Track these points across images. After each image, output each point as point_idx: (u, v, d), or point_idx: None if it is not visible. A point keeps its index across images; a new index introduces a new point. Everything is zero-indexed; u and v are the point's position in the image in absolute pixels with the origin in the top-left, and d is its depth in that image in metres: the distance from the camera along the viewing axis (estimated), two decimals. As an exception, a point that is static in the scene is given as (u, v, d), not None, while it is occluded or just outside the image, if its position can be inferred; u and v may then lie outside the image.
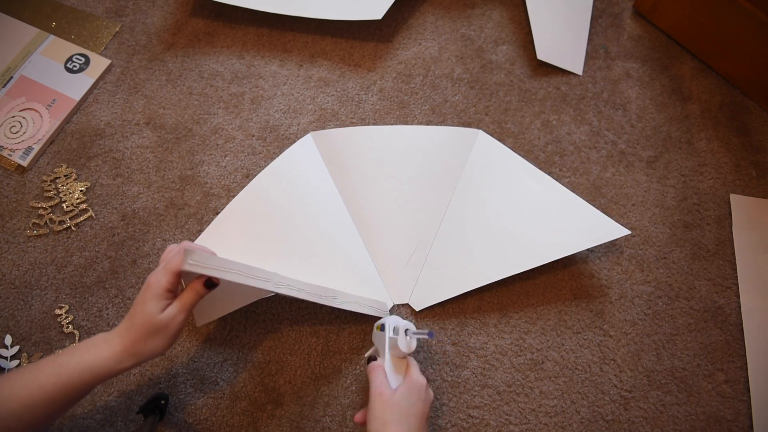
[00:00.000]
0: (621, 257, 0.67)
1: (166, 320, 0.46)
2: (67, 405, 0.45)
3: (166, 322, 0.46)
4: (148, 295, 0.46)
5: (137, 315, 0.46)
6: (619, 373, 0.61)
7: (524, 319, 0.64)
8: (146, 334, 0.45)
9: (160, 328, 0.45)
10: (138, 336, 0.45)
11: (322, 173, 0.68)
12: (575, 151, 0.73)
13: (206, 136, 0.73)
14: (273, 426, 0.58)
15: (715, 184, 0.71)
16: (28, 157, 0.69)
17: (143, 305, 0.46)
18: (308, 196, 0.67)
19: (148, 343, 0.46)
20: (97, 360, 0.44)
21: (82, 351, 0.45)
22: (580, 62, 0.78)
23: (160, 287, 0.46)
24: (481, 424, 0.59)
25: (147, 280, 0.47)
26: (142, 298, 0.46)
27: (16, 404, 0.42)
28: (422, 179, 0.68)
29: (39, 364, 0.44)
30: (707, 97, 0.77)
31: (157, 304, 0.46)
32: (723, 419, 0.59)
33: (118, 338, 0.46)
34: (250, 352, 0.61)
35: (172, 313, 0.46)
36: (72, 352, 0.45)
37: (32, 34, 0.77)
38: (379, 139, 0.70)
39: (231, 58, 0.78)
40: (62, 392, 0.43)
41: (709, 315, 0.64)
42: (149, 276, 0.47)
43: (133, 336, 0.45)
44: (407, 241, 0.65)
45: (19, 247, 0.66)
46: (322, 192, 0.67)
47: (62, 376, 0.43)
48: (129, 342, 0.45)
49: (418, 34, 0.81)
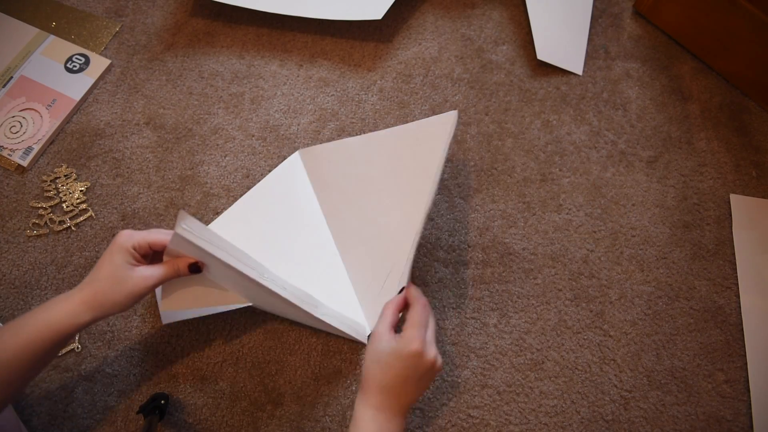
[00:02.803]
0: (621, 257, 0.67)
1: (132, 276, 0.45)
2: (35, 365, 0.44)
3: (132, 278, 0.45)
4: (115, 248, 0.45)
5: (102, 266, 0.45)
6: (619, 373, 0.61)
7: (524, 319, 0.64)
8: (108, 286, 0.45)
9: (125, 280, 0.45)
10: (99, 287, 0.45)
11: (307, 193, 0.67)
12: (575, 151, 0.73)
13: (206, 136, 0.73)
14: (273, 426, 0.58)
15: (715, 184, 0.71)
16: (28, 157, 0.70)
17: (110, 256, 0.45)
18: (293, 219, 0.66)
19: (109, 295, 0.45)
20: (55, 315, 0.44)
21: (41, 309, 0.44)
22: (580, 62, 0.78)
23: (128, 242, 0.45)
24: (481, 424, 0.59)
25: (115, 237, 0.46)
26: (108, 250, 0.46)
27: None
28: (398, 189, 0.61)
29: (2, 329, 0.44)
30: (707, 97, 0.77)
31: (124, 257, 0.45)
32: (723, 419, 0.59)
33: (78, 292, 0.45)
34: (250, 352, 0.61)
35: (142, 274, 0.46)
36: (32, 312, 0.45)
37: (32, 34, 0.77)
38: (361, 151, 0.65)
39: (231, 58, 0.78)
40: (25, 352, 0.43)
41: (709, 315, 0.64)
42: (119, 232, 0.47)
43: (94, 287, 0.45)
44: (382, 264, 0.60)
45: (19, 247, 0.66)
46: (307, 213, 0.66)
47: (22, 336, 0.43)
48: (89, 294, 0.45)
49: (418, 34, 0.81)
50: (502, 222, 0.68)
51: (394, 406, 0.45)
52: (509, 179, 0.71)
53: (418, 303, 0.47)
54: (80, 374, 0.60)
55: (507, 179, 0.71)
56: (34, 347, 0.43)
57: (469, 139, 0.73)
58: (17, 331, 0.43)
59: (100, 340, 0.62)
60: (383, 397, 0.45)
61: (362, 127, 0.73)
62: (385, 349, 0.45)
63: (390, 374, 0.45)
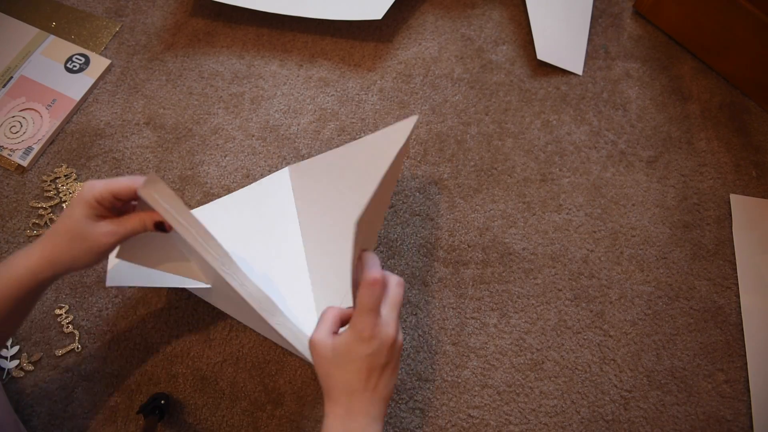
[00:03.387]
0: (621, 257, 0.67)
1: (93, 232, 0.42)
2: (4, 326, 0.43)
3: (92, 233, 0.42)
4: (75, 200, 0.42)
5: (62, 220, 0.43)
6: (619, 373, 0.61)
7: (524, 319, 0.64)
8: (68, 240, 0.42)
9: (84, 236, 0.42)
10: (59, 242, 0.42)
11: (288, 207, 0.65)
12: (575, 151, 0.73)
13: (206, 136, 0.73)
14: (273, 426, 0.58)
15: (715, 184, 0.71)
16: (28, 157, 0.70)
17: (70, 209, 0.42)
18: (268, 227, 0.63)
19: (68, 252, 0.42)
20: (16, 271, 0.42)
21: (1, 266, 0.42)
22: (580, 62, 0.78)
23: (89, 194, 0.42)
24: (481, 424, 0.59)
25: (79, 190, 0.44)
26: (70, 203, 0.43)
27: None
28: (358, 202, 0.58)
29: None
30: (707, 97, 0.77)
31: (84, 210, 0.42)
32: (723, 419, 0.59)
33: (38, 247, 0.43)
34: (250, 352, 0.61)
35: (105, 229, 0.43)
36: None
37: (32, 34, 0.77)
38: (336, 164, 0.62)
39: (231, 58, 0.78)
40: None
41: (709, 315, 0.64)
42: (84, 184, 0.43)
43: (54, 241, 0.42)
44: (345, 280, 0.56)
45: (19, 247, 0.66)
46: (284, 226, 0.64)
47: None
48: (49, 249, 0.42)
49: (418, 34, 0.81)
50: (502, 222, 0.68)
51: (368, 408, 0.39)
52: (509, 179, 0.71)
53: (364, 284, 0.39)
54: (80, 374, 0.60)
55: (507, 179, 0.71)
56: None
57: (469, 139, 0.73)
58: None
59: (100, 340, 0.62)
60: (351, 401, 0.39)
61: (362, 127, 0.74)
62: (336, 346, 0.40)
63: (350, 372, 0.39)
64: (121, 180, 0.43)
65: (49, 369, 0.60)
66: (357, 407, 0.39)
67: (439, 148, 0.72)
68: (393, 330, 0.39)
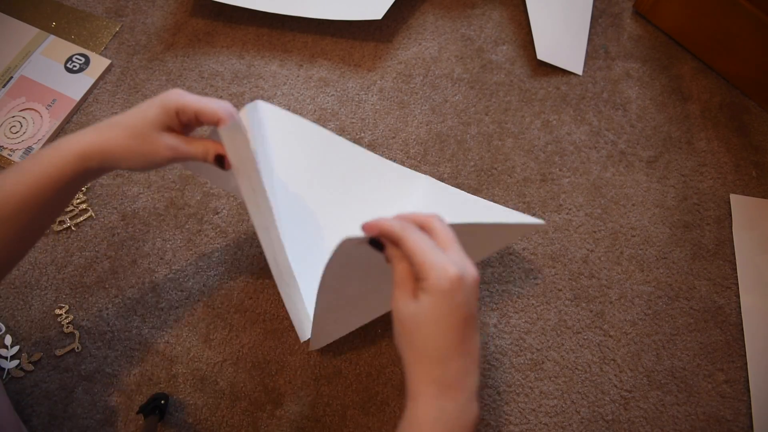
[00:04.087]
0: (621, 257, 0.67)
1: (156, 139, 0.39)
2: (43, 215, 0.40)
3: (155, 140, 0.39)
4: (156, 101, 0.40)
5: (131, 113, 0.40)
6: (619, 373, 0.61)
7: (524, 319, 0.64)
8: (129, 136, 0.39)
9: (147, 138, 0.39)
10: (118, 133, 0.39)
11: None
12: (575, 151, 0.73)
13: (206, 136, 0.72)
14: (273, 426, 0.58)
15: (715, 184, 0.71)
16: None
17: (145, 108, 0.40)
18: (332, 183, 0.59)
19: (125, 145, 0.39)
20: (64, 156, 0.38)
21: (49, 149, 0.39)
22: (580, 62, 0.78)
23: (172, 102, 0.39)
24: (481, 424, 0.59)
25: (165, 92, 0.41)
26: (148, 101, 0.40)
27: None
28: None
29: (3, 174, 0.38)
30: (707, 97, 0.77)
31: (160, 114, 0.39)
32: (723, 419, 0.59)
33: (94, 132, 0.39)
34: (250, 352, 0.61)
35: (169, 141, 0.40)
36: (39, 152, 0.39)
37: (32, 34, 0.77)
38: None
39: (231, 58, 0.78)
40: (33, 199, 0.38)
41: (709, 315, 0.64)
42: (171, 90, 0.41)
43: (114, 131, 0.39)
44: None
45: (19, 247, 0.66)
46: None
47: (29, 183, 0.38)
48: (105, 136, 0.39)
49: (418, 34, 0.81)
50: (502, 222, 0.68)
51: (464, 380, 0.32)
52: (509, 179, 0.71)
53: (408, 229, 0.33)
54: (80, 374, 0.60)
55: (507, 179, 0.71)
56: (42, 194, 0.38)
57: (469, 139, 0.73)
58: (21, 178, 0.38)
59: (100, 340, 0.62)
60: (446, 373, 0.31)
61: (362, 127, 0.74)
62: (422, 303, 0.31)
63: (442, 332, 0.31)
64: (210, 103, 0.40)
65: (49, 369, 0.60)
66: (453, 381, 0.32)
67: (439, 148, 0.72)
68: (473, 269, 0.33)
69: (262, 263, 0.65)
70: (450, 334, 0.31)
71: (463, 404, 0.32)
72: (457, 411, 0.31)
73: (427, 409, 0.31)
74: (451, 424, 0.31)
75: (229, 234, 0.67)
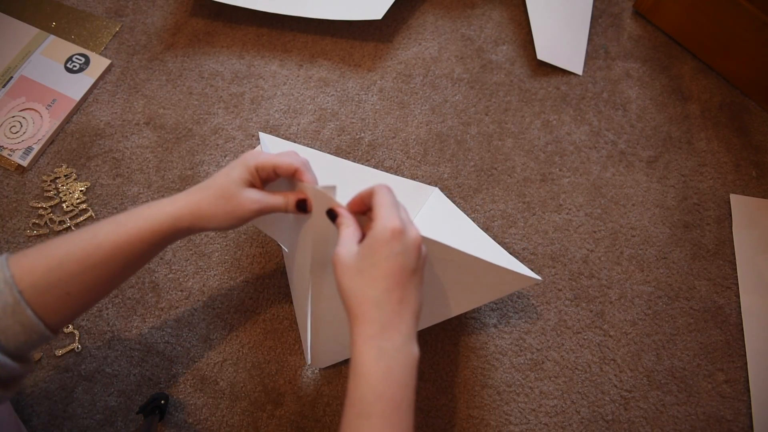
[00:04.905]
0: (621, 257, 0.67)
1: (240, 195, 0.43)
2: (129, 265, 0.42)
3: (239, 196, 0.43)
4: (237, 162, 0.43)
5: (217, 177, 0.43)
6: (619, 373, 0.61)
7: (524, 319, 0.64)
8: (217, 196, 0.42)
9: (232, 197, 0.42)
10: (207, 195, 0.42)
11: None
12: (575, 151, 0.73)
13: (206, 136, 0.73)
14: (273, 426, 0.58)
15: (715, 184, 0.71)
16: (28, 157, 0.69)
17: (229, 170, 0.43)
18: None
19: (213, 206, 0.42)
20: (157, 216, 0.41)
21: (143, 208, 0.42)
22: (580, 62, 0.78)
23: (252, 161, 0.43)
24: (481, 424, 0.59)
25: (243, 155, 0.44)
26: (230, 164, 0.44)
27: (73, 265, 0.39)
28: None
29: (98, 224, 0.41)
30: (707, 97, 0.77)
31: (242, 173, 0.43)
32: (723, 419, 0.59)
33: (184, 197, 0.43)
34: (250, 352, 0.61)
35: (252, 196, 0.43)
36: (134, 210, 0.42)
37: (32, 34, 0.77)
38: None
39: (231, 58, 0.78)
40: (121, 250, 0.40)
41: (709, 315, 0.64)
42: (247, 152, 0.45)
43: (203, 194, 0.43)
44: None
45: (19, 247, 0.66)
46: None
47: (121, 234, 0.40)
48: (196, 200, 0.42)
49: (418, 34, 0.81)
50: (502, 222, 0.68)
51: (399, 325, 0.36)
52: (509, 179, 0.71)
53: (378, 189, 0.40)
54: (80, 374, 0.60)
55: (507, 179, 0.71)
56: (131, 247, 0.41)
57: (469, 139, 0.73)
58: (115, 229, 0.41)
59: (100, 340, 0.62)
60: (382, 316, 0.36)
61: (362, 127, 0.74)
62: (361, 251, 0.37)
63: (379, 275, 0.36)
64: (285, 158, 0.44)
65: (49, 369, 0.60)
66: (388, 323, 0.36)
67: (439, 148, 0.72)
68: (417, 232, 0.37)
69: (263, 263, 0.65)
70: (384, 281, 0.36)
71: (400, 344, 0.36)
72: (394, 350, 0.36)
73: (366, 348, 0.36)
74: (392, 362, 0.35)
75: (229, 234, 0.67)
